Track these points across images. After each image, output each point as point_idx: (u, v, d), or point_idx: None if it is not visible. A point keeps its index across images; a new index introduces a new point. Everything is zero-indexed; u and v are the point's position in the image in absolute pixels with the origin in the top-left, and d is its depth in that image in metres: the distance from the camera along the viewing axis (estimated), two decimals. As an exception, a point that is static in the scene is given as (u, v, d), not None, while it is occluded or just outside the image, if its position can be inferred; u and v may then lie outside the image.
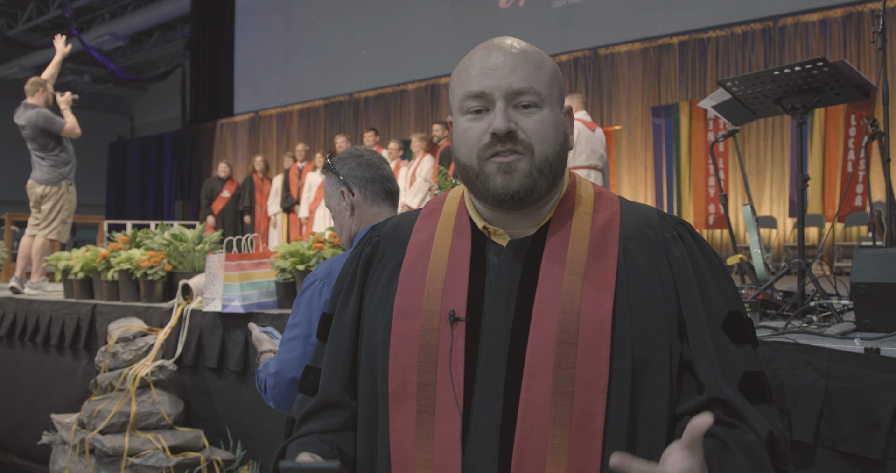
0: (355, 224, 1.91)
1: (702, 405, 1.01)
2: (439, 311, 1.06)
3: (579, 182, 1.16)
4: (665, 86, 8.99)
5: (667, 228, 1.10)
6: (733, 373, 1.03)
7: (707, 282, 1.07)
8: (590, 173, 6.12)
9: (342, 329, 1.17)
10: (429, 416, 1.03)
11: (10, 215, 7.89)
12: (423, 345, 1.05)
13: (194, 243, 3.82)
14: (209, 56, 14.80)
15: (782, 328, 2.18)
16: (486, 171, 1.05)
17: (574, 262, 1.05)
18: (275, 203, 9.99)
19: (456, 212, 1.16)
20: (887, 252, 2.12)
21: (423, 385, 1.04)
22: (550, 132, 1.06)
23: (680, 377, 1.04)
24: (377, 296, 1.14)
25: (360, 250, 1.21)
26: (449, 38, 10.96)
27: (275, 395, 1.80)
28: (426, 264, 1.11)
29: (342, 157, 1.94)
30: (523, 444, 0.98)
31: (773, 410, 1.05)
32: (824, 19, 7.94)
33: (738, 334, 1.06)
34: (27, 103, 5.38)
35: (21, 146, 5.74)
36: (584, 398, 0.98)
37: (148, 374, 3.18)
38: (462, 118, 1.08)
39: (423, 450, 1.02)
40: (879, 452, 1.66)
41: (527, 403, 0.99)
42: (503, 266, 1.07)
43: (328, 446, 1.10)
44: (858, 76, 2.49)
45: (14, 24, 15.98)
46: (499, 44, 1.08)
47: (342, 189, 1.90)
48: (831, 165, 7.58)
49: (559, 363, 0.99)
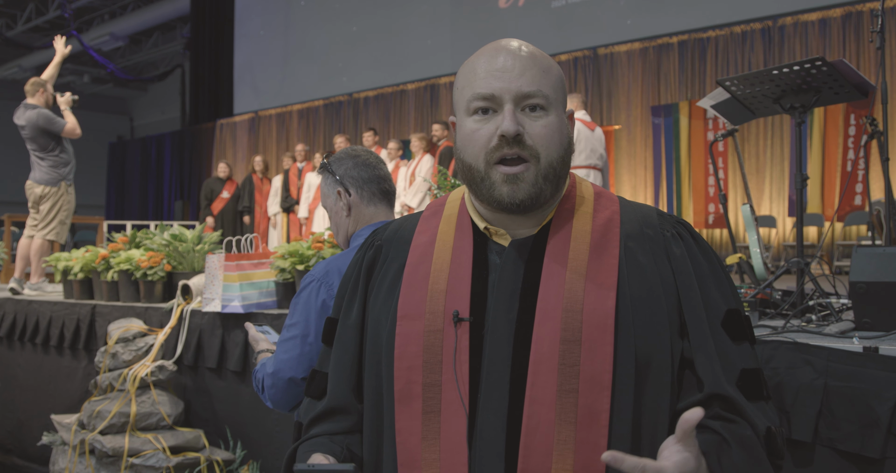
0: (352, 224, 1.91)
1: (701, 402, 1.02)
2: (443, 312, 1.07)
3: (579, 182, 1.17)
4: (664, 85, 9.00)
5: (666, 227, 1.12)
6: (732, 370, 1.04)
7: (706, 280, 1.08)
8: (589, 173, 6.13)
9: (347, 333, 1.18)
10: (435, 416, 1.04)
11: (10, 216, 7.89)
12: (427, 346, 1.06)
13: (194, 243, 3.83)
14: (209, 56, 14.80)
15: (781, 327, 2.19)
16: (493, 178, 1.05)
17: (576, 261, 1.06)
18: (274, 203, 9.99)
19: (457, 214, 1.17)
20: (886, 251, 2.13)
21: (429, 386, 1.05)
22: (556, 137, 1.06)
23: (681, 373, 1.05)
24: (381, 299, 1.15)
25: (362, 254, 1.22)
26: (448, 37, 10.97)
27: (272, 395, 1.80)
28: (429, 265, 1.12)
29: (339, 157, 1.94)
30: (529, 441, 0.99)
31: (769, 407, 1.06)
32: (823, 19, 7.95)
33: (737, 331, 1.07)
34: (27, 104, 5.39)
35: (20, 147, 5.74)
36: (588, 395, 0.99)
37: (148, 374, 3.19)
38: (468, 119, 1.08)
39: (429, 450, 1.03)
40: (878, 451, 1.67)
41: (532, 400, 1.00)
42: (506, 266, 1.08)
43: (339, 446, 1.12)
44: (857, 76, 2.49)
45: (13, 24, 15.98)
46: (507, 46, 1.09)
47: (339, 189, 1.90)
48: (830, 165, 7.58)
49: (563, 360, 1.00)
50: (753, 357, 1.08)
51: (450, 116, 1.17)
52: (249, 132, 13.89)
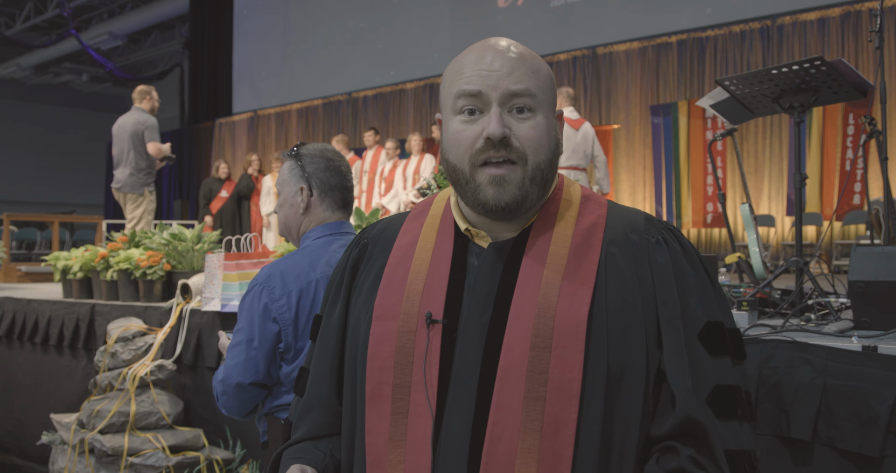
0: (305, 223, 1.89)
1: (670, 433, 0.98)
2: (417, 313, 1.05)
3: (567, 185, 1.14)
4: (663, 85, 9.00)
5: (652, 232, 1.07)
6: (704, 385, 1.00)
7: (689, 290, 1.04)
8: (569, 174, 5.86)
9: (329, 332, 1.17)
10: (402, 417, 1.03)
11: (9, 215, 7.89)
12: (399, 347, 1.05)
13: (193, 242, 3.83)
14: (208, 55, 14.79)
15: (780, 327, 2.19)
16: (478, 180, 1.03)
17: (553, 265, 1.03)
18: (268, 203, 9.97)
19: (441, 214, 1.15)
20: (885, 251, 2.13)
21: (398, 387, 1.03)
22: (544, 139, 1.04)
23: (658, 387, 1.01)
24: (362, 298, 1.14)
25: (349, 253, 1.21)
26: (447, 37, 10.97)
27: (224, 402, 1.79)
28: (408, 266, 1.11)
29: (312, 153, 1.90)
30: (493, 448, 0.97)
31: (743, 428, 1.01)
32: (822, 18, 7.95)
33: (716, 345, 1.03)
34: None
35: (19, 147, 5.75)
36: (556, 404, 0.97)
37: (147, 374, 3.19)
38: (454, 118, 1.05)
39: (395, 452, 1.02)
40: (877, 449, 1.67)
41: (498, 407, 0.98)
42: (482, 269, 1.06)
43: (322, 453, 1.11)
44: (856, 75, 2.50)
45: (12, 23, 15.96)
46: (495, 45, 1.06)
47: (303, 185, 1.87)
48: (829, 164, 7.59)
49: (532, 367, 0.98)
50: (734, 373, 1.03)
51: (437, 114, 1.15)
52: (248, 131, 13.89)
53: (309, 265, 1.81)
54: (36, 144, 18.10)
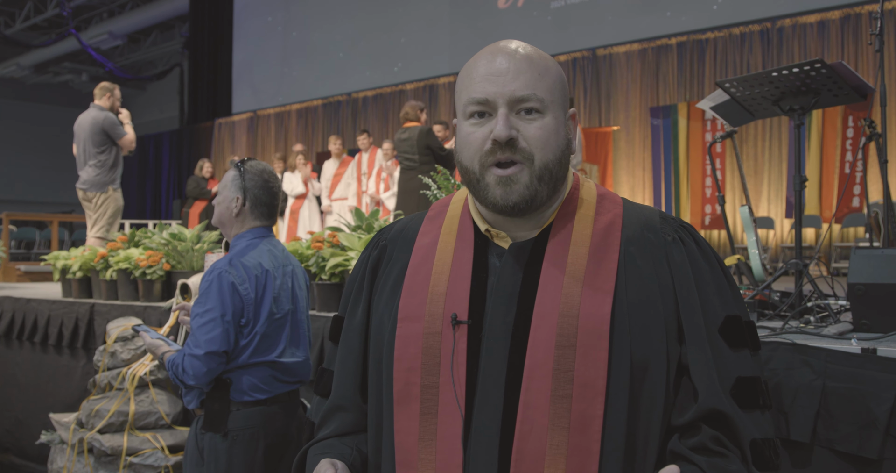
0: (238, 226, 2.25)
1: (694, 420, 1.02)
2: (442, 314, 1.08)
3: (583, 184, 1.16)
4: (663, 87, 9.01)
5: (668, 231, 1.11)
6: (727, 378, 1.04)
7: (707, 286, 1.08)
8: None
9: (352, 333, 1.19)
10: (432, 417, 1.05)
11: (8, 215, 7.90)
12: (426, 348, 1.07)
13: (193, 242, 3.83)
14: (207, 55, 14.79)
15: (780, 329, 2.19)
16: (487, 180, 1.06)
17: (574, 265, 1.06)
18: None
19: (459, 215, 1.17)
20: (884, 253, 2.13)
21: (427, 387, 1.06)
22: (552, 139, 1.06)
23: (678, 380, 1.05)
24: (384, 299, 1.16)
25: (367, 254, 1.23)
26: (447, 38, 10.97)
27: (196, 371, 2.02)
28: (430, 267, 1.13)
29: (255, 171, 2.25)
30: (522, 445, 1.00)
31: (765, 417, 1.06)
32: (822, 21, 7.97)
33: (736, 338, 1.06)
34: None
35: (19, 147, 5.76)
36: (582, 401, 0.99)
37: (146, 373, 3.18)
38: (465, 123, 1.08)
39: (426, 451, 1.04)
40: (876, 451, 1.67)
41: (526, 405, 1.00)
42: (504, 269, 1.08)
43: (349, 448, 1.13)
44: (856, 78, 2.50)
45: (12, 22, 15.95)
46: (504, 48, 1.08)
47: (239, 196, 2.22)
48: (829, 167, 7.60)
49: (558, 365, 1.00)
50: (753, 365, 1.07)
51: (453, 119, 1.18)
52: (248, 132, 13.89)
53: (258, 258, 2.18)
54: (35, 144, 18.08)
